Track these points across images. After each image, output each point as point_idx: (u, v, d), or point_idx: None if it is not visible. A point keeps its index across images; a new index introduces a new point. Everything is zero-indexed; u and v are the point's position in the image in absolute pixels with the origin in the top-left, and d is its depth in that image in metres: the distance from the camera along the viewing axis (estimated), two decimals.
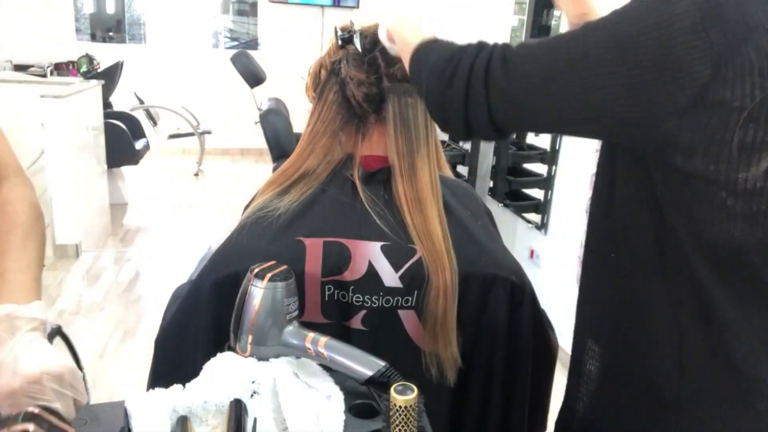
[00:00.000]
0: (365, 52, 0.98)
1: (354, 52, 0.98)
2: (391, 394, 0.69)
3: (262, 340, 0.81)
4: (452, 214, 1.00)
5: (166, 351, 1.00)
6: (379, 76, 0.97)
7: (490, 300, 0.97)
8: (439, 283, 0.91)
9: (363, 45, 0.97)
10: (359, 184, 0.98)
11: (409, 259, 0.94)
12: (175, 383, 0.76)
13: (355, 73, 0.97)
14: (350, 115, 1.00)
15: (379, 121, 0.99)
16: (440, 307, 0.91)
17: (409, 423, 0.69)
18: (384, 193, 0.98)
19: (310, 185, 0.99)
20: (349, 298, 0.94)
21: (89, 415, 0.74)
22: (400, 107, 0.96)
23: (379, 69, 0.97)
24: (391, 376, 0.78)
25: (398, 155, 0.97)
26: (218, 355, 0.82)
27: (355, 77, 0.97)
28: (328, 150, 1.00)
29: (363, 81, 0.97)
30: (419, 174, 0.97)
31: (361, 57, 0.98)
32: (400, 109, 0.96)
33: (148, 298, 3.26)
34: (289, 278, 0.82)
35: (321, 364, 0.82)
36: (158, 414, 0.71)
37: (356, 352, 0.80)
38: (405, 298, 0.94)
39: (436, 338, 0.93)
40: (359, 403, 0.79)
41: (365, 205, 0.96)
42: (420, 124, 0.98)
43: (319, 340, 0.81)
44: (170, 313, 1.01)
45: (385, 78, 0.97)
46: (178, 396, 0.74)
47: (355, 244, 0.94)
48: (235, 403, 0.71)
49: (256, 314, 0.80)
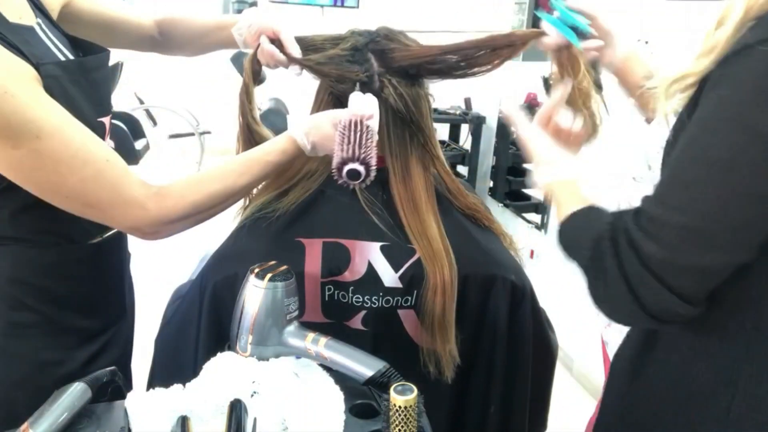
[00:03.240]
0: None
1: (341, 51, 0.96)
2: (391, 394, 0.70)
3: (263, 340, 0.81)
4: (452, 214, 1.00)
5: (166, 351, 1.00)
6: (371, 75, 0.95)
7: (490, 300, 0.97)
8: (437, 280, 0.91)
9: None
10: (358, 184, 0.98)
11: (408, 259, 0.94)
12: (175, 383, 0.76)
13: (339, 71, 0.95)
14: None
15: None
16: (438, 304, 0.91)
17: (409, 423, 0.69)
18: (383, 194, 0.98)
19: (309, 186, 0.99)
20: (349, 298, 0.94)
21: (89, 415, 0.74)
22: (395, 106, 0.95)
23: (372, 68, 0.95)
24: (391, 376, 0.78)
25: (391, 156, 0.96)
26: (218, 355, 0.82)
27: (340, 75, 0.96)
28: None
29: (348, 78, 0.95)
30: (413, 174, 0.96)
31: (349, 55, 0.96)
32: (393, 107, 0.95)
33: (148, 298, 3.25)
34: (290, 278, 0.82)
35: (321, 364, 0.82)
36: (158, 414, 0.71)
37: (356, 353, 0.80)
38: (405, 297, 0.94)
39: (434, 335, 0.92)
40: (359, 403, 0.79)
41: (364, 206, 0.96)
42: (414, 124, 0.97)
43: (319, 340, 0.81)
44: (170, 313, 1.01)
45: (376, 77, 0.95)
46: (178, 396, 0.74)
47: (355, 244, 0.94)
48: (235, 403, 0.71)
49: (257, 314, 0.80)
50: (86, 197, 0.77)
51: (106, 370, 0.78)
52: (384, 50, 0.96)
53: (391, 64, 0.95)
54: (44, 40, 0.82)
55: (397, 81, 0.95)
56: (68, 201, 0.77)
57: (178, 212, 0.83)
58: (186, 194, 0.84)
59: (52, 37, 0.84)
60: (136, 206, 0.80)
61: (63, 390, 0.72)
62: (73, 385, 0.73)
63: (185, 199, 0.84)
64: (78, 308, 0.90)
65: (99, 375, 0.77)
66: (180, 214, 0.83)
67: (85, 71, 0.82)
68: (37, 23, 0.82)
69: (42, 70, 0.73)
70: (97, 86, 0.84)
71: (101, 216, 0.81)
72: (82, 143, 0.75)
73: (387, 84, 0.94)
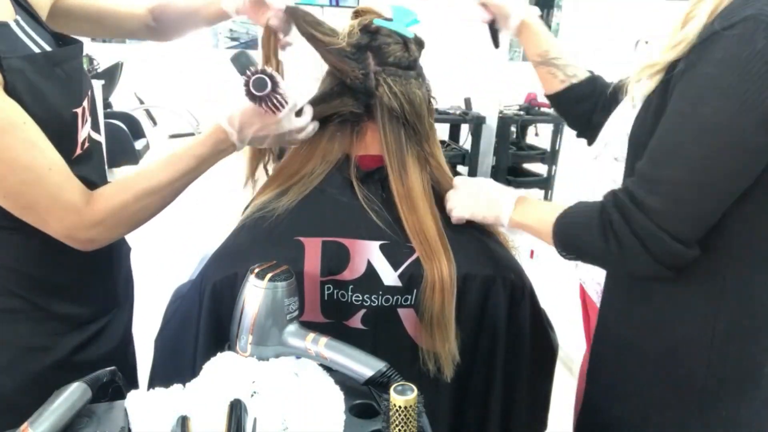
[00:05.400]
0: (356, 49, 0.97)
1: (340, 47, 0.97)
2: (391, 394, 0.70)
3: (263, 340, 0.81)
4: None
5: (166, 351, 1.00)
6: (367, 72, 0.96)
7: (490, 299, 0.97)
8: (435, 278, 0.91)
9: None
10: (356, 183, 0.98)
11: (408, 258, 0.94)
12: (175, 383, 0.76)
13: (339, 62, 0.96)
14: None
15: (371, 119, 0.99)
16: (437, 301, 0.91)
17: (409, 423, 0.69)
18: (382, 192, 0.98)
19: (309, 186, 0.99)
20: (348, 297, 0.94)
21: (89, 415, 0.74)
22: (389, 104, 0.96)
23: (368, 66, 0.96)
24: (391, 376, 0.78)
25: (388, 153, 0.97)
26: (218, 355, 0.82)
27: (340, 67, 0.96)
28: (326, 151, 1.01)
29: (347, 72, 0.96)
30: (410, 171, 0.96)
31: (348, 53, 0.96)
32: (388, 106, 0.96)
33: (148, 298, 3.25)
34: (290, 278, 0.82)
35: (321, 364, 0.82)
36: (158, 414, 0.71)
37: (356, 353, 0.80)
38: (404, 296, 0.94)
39: (433, 334, 0.92)
40: (359, 403, 0.79)
41: (363, 205, 0.96)
42: (410, 122, 0.97)
43: (319, 340, 0.81)
44: (170, 313, 1.01)
45: (372, 75, 0.96)
46: (178, 396, 0.74)
47: (354, 243, 0.94)
48: (235, 403, 0.71)
49: (257, 314, 0.80)
50: (25, 199, 0.78)
51: (106, 370, 0.78)
52: (381, 46, 0.96)
53: (386, 60, 0.95)
54: (20, 36, 0.82)
55: (393, 79, 0.95)
56: (6, 200, 0.78)
57: (108, 213, 0.84)
58: (115, 194, 0.85)
59: (32, 33, 0.84)
60: (72, 212, 0.81)
61: (63, 390, 0.72)
62: (73, 385, 0.73)
63: (114, 199, 0.84)
64: (65, 295, 0.91)
65: (99, 375, 0.77)
66: (111, 216, 0.84)
67: (55, 63, 0.82)
68: (15, 20, 0.82)
69: (5, 64, 0.73)
70: (69, 78, 0.84)
71: (38, 220, 0.81)
72: (29, 146, 0.76)
73: (382, 82, 0.95)
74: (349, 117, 0.99)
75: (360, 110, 0.98)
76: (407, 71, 0.97)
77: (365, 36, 0.97)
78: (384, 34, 0.97)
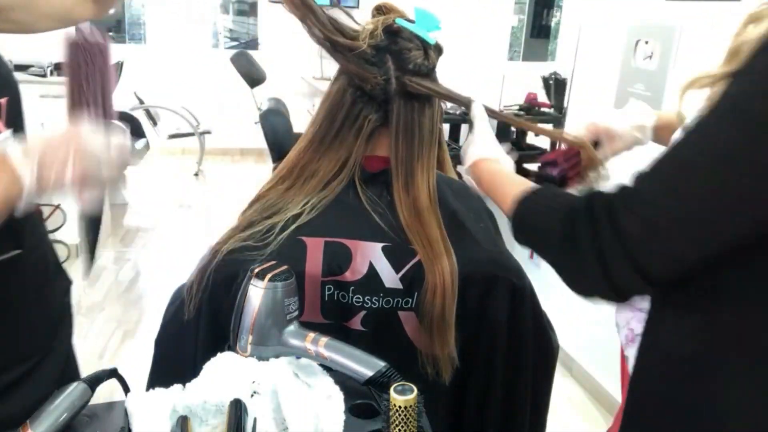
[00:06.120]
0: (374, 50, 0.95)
1: (361, 51, 0.94)
2: (391, 394, 0.70)
3: (263, 340, 0.81)
4: (454, 216, 1.00)
5: (166, 351, 1.00)
6: (388, 78, 0.95)
7: (490, 300, 0.96)
8: (436, 282, 0.90)
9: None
10: (361, 184, 0.98)
11: (409, 261, 0.94)
12: (175, 383, 0.76)
13: (359, 70, 0.94)
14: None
15: (384, 124, 0.98)
16: (437, 305, 0.91)
17: (409, 423, 0.69)
18: (387, 194, 0.98)
19: (313, 185, 0.99)
20: (349, 298, 0.94)
21: (89, 414, 0.74)
22: (405, 111, 0.95)
23: (389, 71, 0.95)
24: (391, 376, 0.78)
25: (397, 160, 0.96)
26: (218, 355, 0.82)
27: (360, 74, 0.95)
28: (332, 150, 1.00)
29: (368, 79, 0.94)
30: (417, 180, 0.96)
31: (368, 55, 0.95)
32: (404, 113, 0.95)
33: (148, 298, 3.26)
34: (290, 278, 0.82)
35: (321, 364, 0.82)
36: (158, 414, 0.71)
37: (356, 353, 0.80)
38: (405, 299, 0.94)
39: (433, 338, 0.92)
40: (359, 403, 0.79)
41: (366, 206, 0.96)
42: (425, 129, 0.97)
43: (319, 341, 0.81)
44: (170, 313, 1.01)
45: (393, 81, 0.95)
46: (178, 396, 0.74)
47: (356, 244, 0.94)
48: (235, 403, 0.71)
49: (257, 314, 0.80)
50: None
51: (106, 370, 0.78)
52: (401, 50, 0.95)
53: (406, 67, 0.95)
54: None
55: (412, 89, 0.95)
56: None
57: None
58: None
59: None
60: None
61: (63, 390, 0.73)
62: (73, 385, 0.73)
63: None
64: None
65: (99, 375, 0.77)
66: None
67: None
68: None
69: None
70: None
71: None
72: None
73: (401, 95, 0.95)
74: (362, 121, 0.98)
75: (375, 117, 0.97)
76: (425, 79, 0.97)
77: (386, 37, 0.95)
78: (405, 37, 0.96)
